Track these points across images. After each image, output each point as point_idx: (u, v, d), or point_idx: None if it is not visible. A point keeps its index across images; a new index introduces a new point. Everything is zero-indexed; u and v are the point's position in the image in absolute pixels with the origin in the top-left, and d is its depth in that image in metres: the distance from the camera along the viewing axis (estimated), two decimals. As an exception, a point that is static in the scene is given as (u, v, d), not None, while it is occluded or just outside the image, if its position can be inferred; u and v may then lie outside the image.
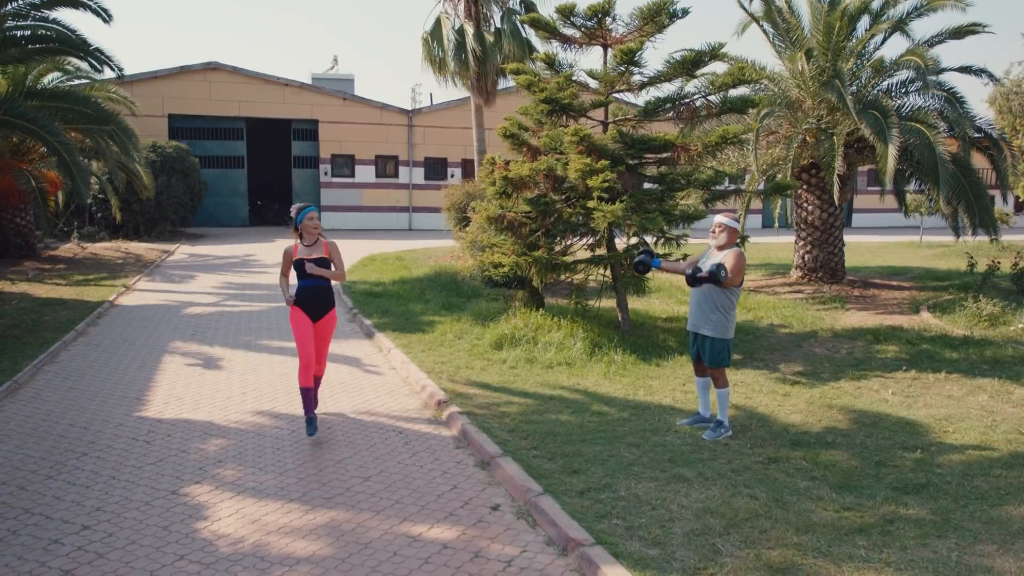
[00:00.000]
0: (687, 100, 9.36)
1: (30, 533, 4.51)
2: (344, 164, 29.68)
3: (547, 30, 9.93)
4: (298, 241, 6.42)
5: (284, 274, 6.54)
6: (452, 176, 30.42)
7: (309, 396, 6.21)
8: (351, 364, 8.81)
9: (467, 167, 29.69)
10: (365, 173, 29.90)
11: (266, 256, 19.87)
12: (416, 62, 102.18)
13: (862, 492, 5.08)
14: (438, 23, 19.60)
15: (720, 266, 6.06)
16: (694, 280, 6.16)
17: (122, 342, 9.78)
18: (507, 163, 9.91)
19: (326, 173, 29.47)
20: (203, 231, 26.45)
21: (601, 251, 10.16)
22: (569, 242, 10.42)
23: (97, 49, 13.50)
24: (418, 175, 30.58)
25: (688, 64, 9.31)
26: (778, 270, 17.17)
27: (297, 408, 7.06)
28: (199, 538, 4.44)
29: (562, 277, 10.23)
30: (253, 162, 30.11)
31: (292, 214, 6.38)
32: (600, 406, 7.05)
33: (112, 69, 13.89)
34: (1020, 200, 33.44)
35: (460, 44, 19.14)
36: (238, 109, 27.95)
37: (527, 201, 9.45)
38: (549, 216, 9.79)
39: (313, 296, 6.33)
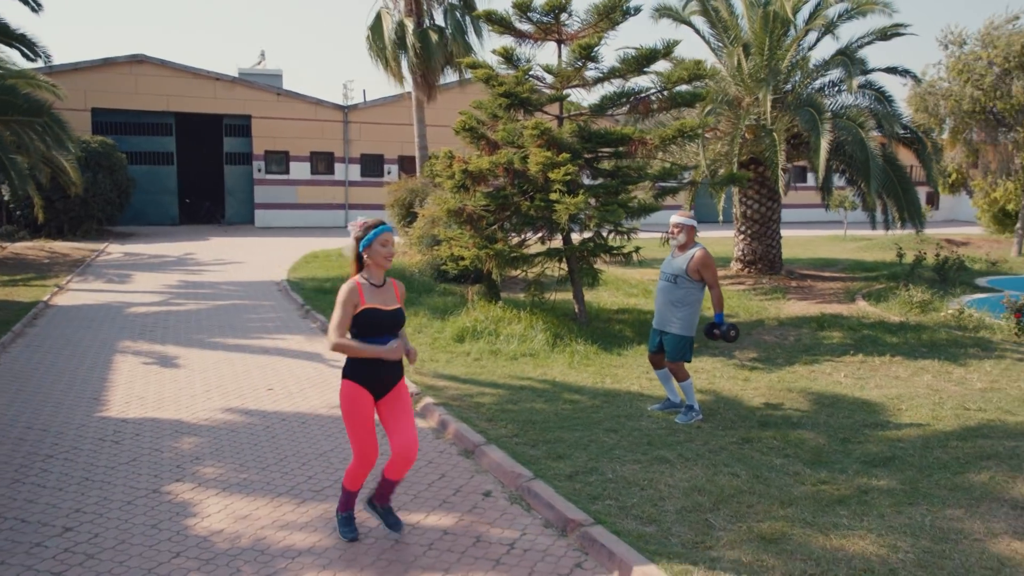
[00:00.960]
0: (643, 95, 9.56)
1: (7, 537, 4.33)
2: (278, 161, 29.10)
3: (502, 25, 10.00)
4: (362, 277, 4.09)
5: (341, 328, 3.98)
6: (389, 173, 30.19)
7: (352, 499, 4.33)
8: (315, 360, 8.70)
9: (405, 164, 29.48)
10: (300, 170, 29.39)
11: (204, 254, 19.36)
12: (347, 57, 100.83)
13: (834, 467, 5.32)
14: (379, 18, 19.45)
15: (731, 327, 6.42)
16: (711, 335, 6.49)
17: (66, 343, 9.41)
18: (453, 156, 9.92)
19: (260, 170, 28.84)
20: (132, 230, 25.54)
21: (553, 244, 10.32)
22: (525, 236, 10.53)
23: (23, 35, 12.93)
24: (354, 172, 30.23)
25: (642, 60, 9.52)
26: (718, 263, 17.63)
27: (268, 404, 6.96)
28: (192, 535, 4.35)
29: (519, 270, 10.30)
30: (183, 159, 29.25)
31: (356, 232, 4.07)
32: (571, 395, 7.16)
33: (41, 58, 13.31)
34: (931, 194, 35.20)
35: (401, 39, 19.02)
36: (166, 104, 27.08)
37: (487, 195, 9.51)
38: (507, 209, 9.86)
39: (386, 365, 4.10)
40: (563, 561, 4.08)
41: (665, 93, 9.51)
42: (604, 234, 10.19)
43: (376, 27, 19.48)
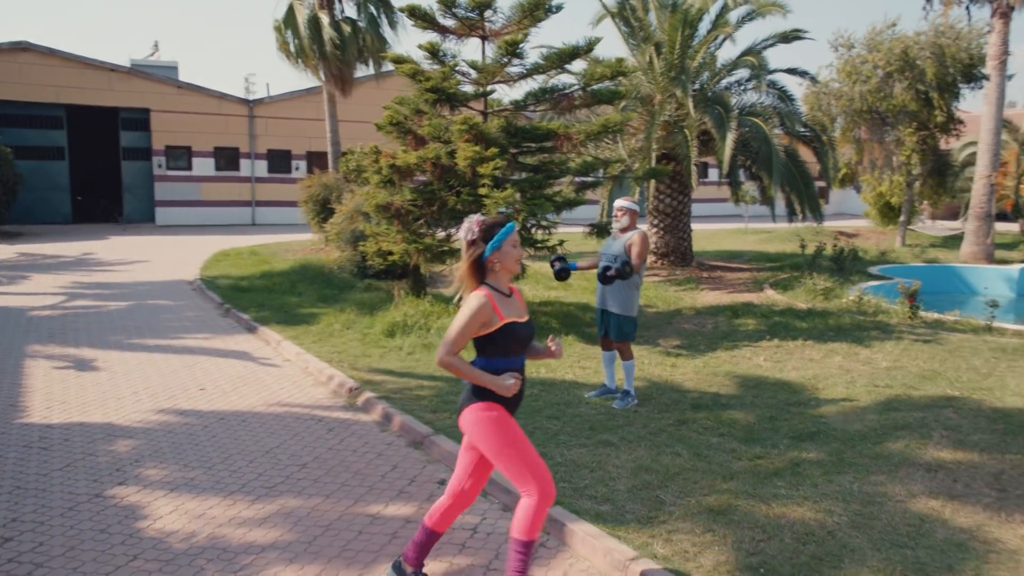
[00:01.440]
0: (567, 91, 9.77)
1: (-59, 551, 4.12)
2: (180, 156, 28.04)
3: (425, 20, 10.01)
4: (490, 286, 3.46)
5: (459, 345, 3.38)
6: (297, 169, 29.57)
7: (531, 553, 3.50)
8: (242, 359, 8.52)
9: (314, 160, 28.92)
10: (204, 166, 28.41)
11: (106, 253, 18.51)
12: (248, 50, 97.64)
13: (766, 443, 5.65)
14: (291, 10, 19.03)
15: (625, 262, 6.46)
16: (605, 279, 6.49)
17: (-32, 348, 8.87)
18: (380, 151, 9.88)
19: (160, 166, 27.72)
20: (20, 229, 24.10)
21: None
22: (451, 230, 10.59)
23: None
24: (261, 168, 29.45)
25: (564, 57, 9.73)
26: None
27: (203, 403, 6.80)
28: (146, 537, 4.25)
29: (446, 264, 10.34)
30: (76, 154, 27.76)
31: (475, 234, 3.43)
32: (509, 385, 7.28)
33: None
34: (822, 188, 37.11)
35: (315, 33, 18.67)
36: (56, 95, 25.66)
37: (414, 189, 9.52)
38: (433, 204, 9.89)
39: (525, 381, 3.62)
40: (526, 542, 4.21)
41: (588, 90, 9.74)
42: (529, 228, 10.36)
43: (288, 20, 19.05)
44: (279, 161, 29.69)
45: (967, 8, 18.66)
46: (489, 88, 10.16)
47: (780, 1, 14.05)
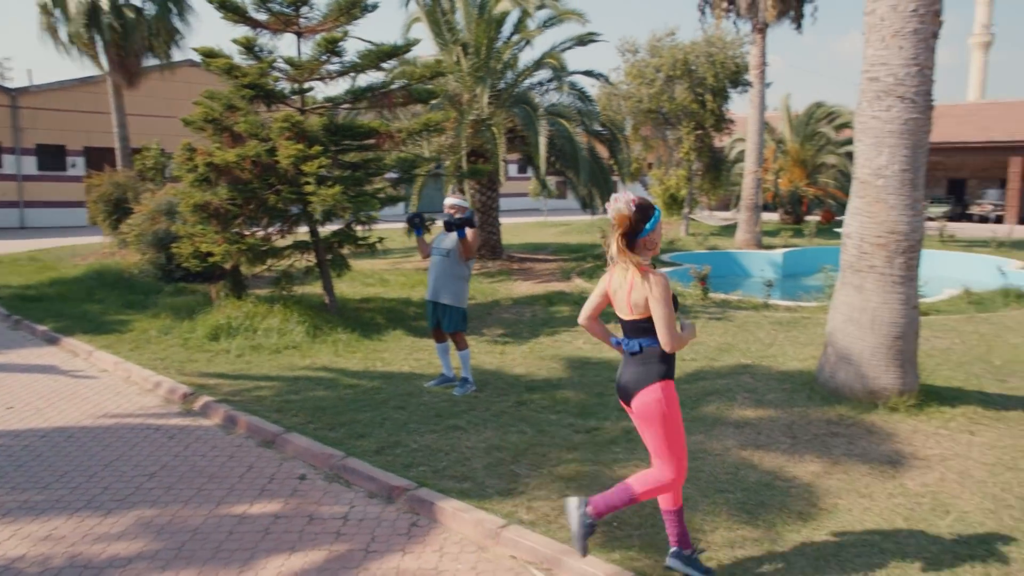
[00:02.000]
0: (387, 90, 9.91)
1: None
2: (-73, 151, 24.68)
3: (237, 13, 9.72)
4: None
5: (674, 322, 3.51)
6: (74, 166, 27.05)
7: (682, 518, 3.81)
8: (50, 372, 7.89)
9: (94, 156, 26.57)
10: (-43, 162, 25.20)
11: None
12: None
13: (598, 416, 6.22)
14: (65, -8, 17.42)
15: (472, 211, 6.84)
16: (451, 225, 6.74)
17: None
18: (195, 148, 9.51)
19: (-99, 163, 24.25)
20: None
21: (295, 236, 10.35)
22: (270, 229, 10.38)
23: None
24: (29, 165, 26.61)
25: (383, 56, 9.87)
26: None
27: (15, 423, 6.28)
28: (-10, 562, 3.98)
29: (267, 264, 10.13)
30: None
31: (630, 210, 3.45)
32: (349, 380, 7.38)
33: None
34: (614, 183, 39.67)
35: (93, 17, 17.24)
36: None
37: (234, 188, 9.24)
38: (251, 203, 9.66)
39: None
40: (398, 523, 4.43)
41: (408, 89, 9.94)
42: (351, 225, 10.40)
43: (58, 1, 17.42)
44: (51, 157, 26.97)
45: (734, 22, 20.88)
46: (307, 85, 10.07)
47: (578, 9, 15.01)
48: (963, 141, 31.84)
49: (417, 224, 7.21)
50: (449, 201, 7.02)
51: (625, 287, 3.50)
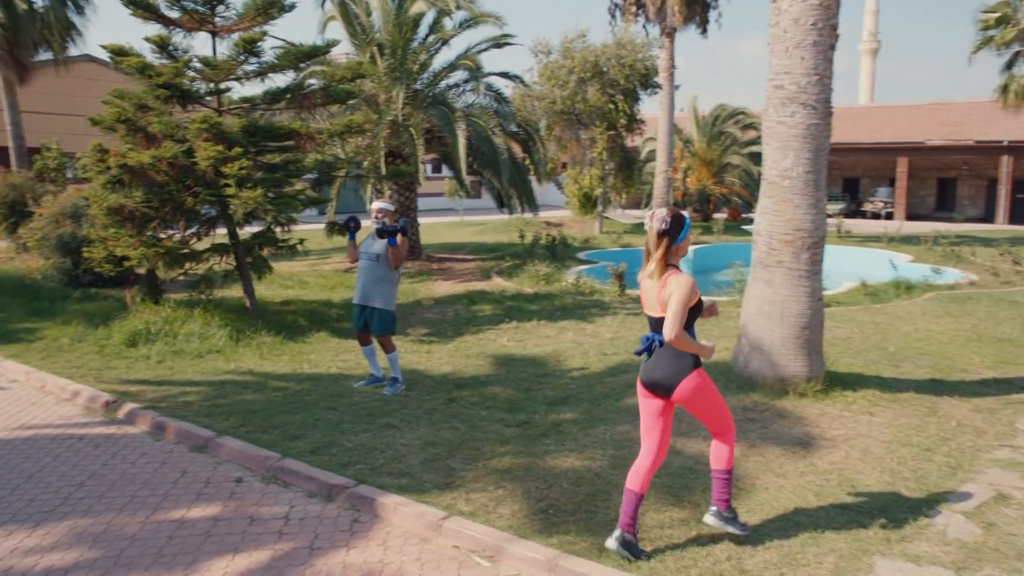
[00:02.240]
0: (308, 90, 9.85)
1: None
2: None
3: (148, 10, 9.48)
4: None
5: (683, 320, 3.80)
6: (-40, 166, 25.46)
7: (730, 480, 4.19)
8: (-45, 384, 7.54)
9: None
10: None
11: None
12: None
13: (528, 410, 6.43)
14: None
15: (406, 220, 6.95)
16: (383, 233, 6.83)
17: None
18: (107, 149, 9.23)
19: None
20: None
21: (212, 239, 10.19)
22: (187, 232, 10.17)
23: None
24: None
25: (302, 56, 9.81)
26: (362, 251, 18.36)
27: (-77, 437, 6.01)
28: (-85, 579, 3.86)
29: (184, 268, 9.92)
30: None
31: (665, 225, 3.85)
32: (277, 383, 7.35)
33: None
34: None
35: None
36: None
37: (150, 190, 9.02)
38: (167, 205, 9.46)
39: None
40: (340, 520, 4.51)
41: (328, 90, 9.91)
42: (271, 227, 10.29)
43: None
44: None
45: (643, 26, 21.53)
46: (224, 85, 9.91)
47: (494, 11, 15.21)
48: (856, 142, 33.70)
49: (352, 228, 7.24)
50: (377, 205, 7.09)
51: (656, 286, 3.89)
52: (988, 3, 25.76)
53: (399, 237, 6.96)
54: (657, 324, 3.94)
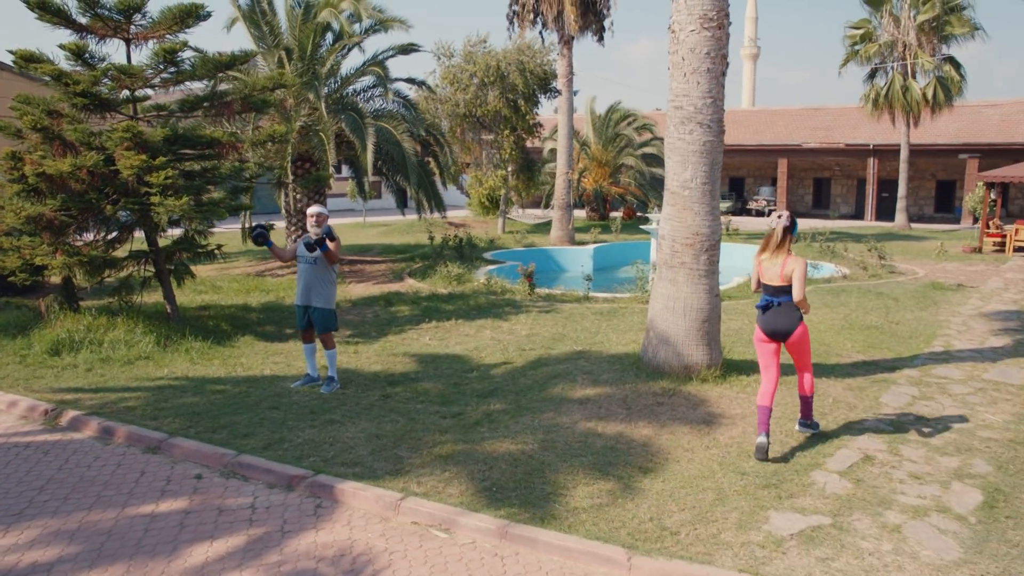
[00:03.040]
0: (227, 99, 10.02)
1: None
2: None
3: (59, 16, 9.44)
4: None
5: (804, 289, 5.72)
6: None
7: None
8: None
9: None
10: None
11: None
12: None
13: (459, 403, 6.98)
14: None
15: (329, 228, 7.35)
16: (311, 246, 7.21)
17: None
18: (21, 157, 9.16)
19: None
20: None
21: (130, 245, 10.23)
22: (107, 237, 10.16)
23: None
24: None
25: (222, 65, 9.99)
26: (266, 254, 18.29)
27: None
28: (-98, 580, 4.06)
29: (102, 275, 9.92)
30: None
31: (788, 222, 5.71)
32: (214, 386, 7.61)
33: None
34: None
35: None
36: None
37: (69, 199, 9.01)
38: (85, 213, 9.46)
39: None
40: (304, 507, 4.94)
41: (247, 99, 10.11)
42: (189, 233, 10.40)
43: None
44: None
45: (540, 33, 22.33)
46: (139, 93, 9.96)
47: (401, 17, 15.61)
48: (741, 144, 35.82)
49: (266, 237, 7.46)
50: (313, 210, 7.45)
51: (779, 264, 5.66)
52: (856, 17, 28.05)
53: (329, 242, 7.36)
54: (776, 291, 5.67)
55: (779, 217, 5.73)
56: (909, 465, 5.51)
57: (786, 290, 5.64)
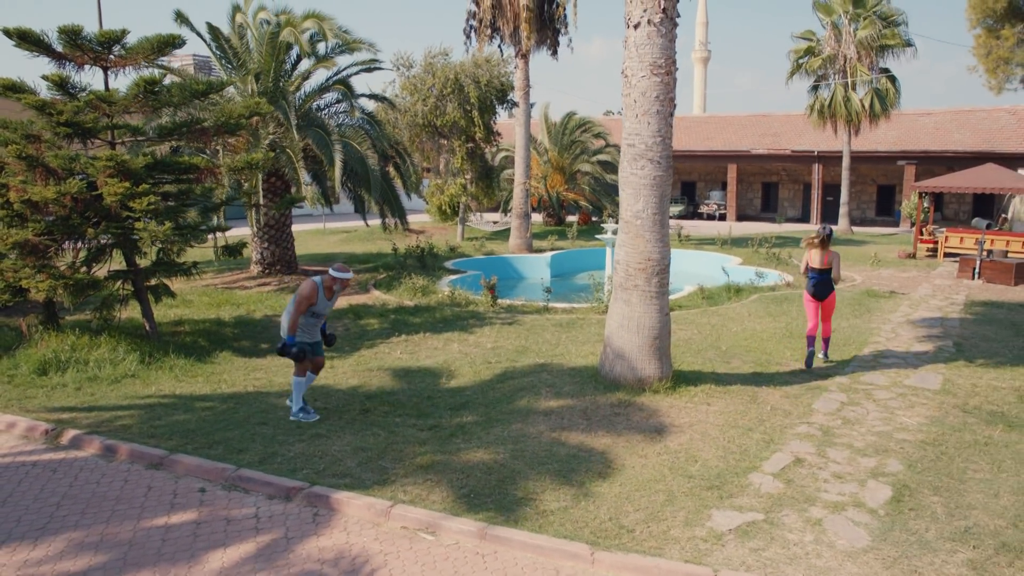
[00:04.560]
0: (203, 126, 10.47)
1: None
2: None
3: (38, 45, 9.82)
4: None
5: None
6: None
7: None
8: None
9: None
10: None
11: None
12: None
13: (434, 416, 7.61)
14: None
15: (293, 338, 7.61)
16: (283, 351, 7.41)
17: None
18: (7, 184, 9.52)
19: None
20: None
21: (109, 265, 10.64)
22: (89, 259, 10.53)
23: None
24: None
25: (199, 93, 10.44)
26: (233, 266, 18.62)
27: None
28: (-50, 590, 4.55)
29: (84, 296, 10.29)
30: None
31: (827, 232, 9.45)
32: (202, 403, 8.11)
33: None
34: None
35: None
36: None
37: (52, 223, 9.40)
38: (67, 237, 9.86)
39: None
40: (303, 515, 5.54)
41: (224, 125, 10.58)
42: (170, 254, 10.83)
43: None
44: None
45: (499, 47, 23.01)
46: (117, 120, 10.36)
47: (366, 39, 16.14)
48: (692, 150, 36.97)
49: (305, 353, 7.55)
50: (346, 276, 7.77)
51: (822, 256, 9.34)
52: (803, 27, 29.36)
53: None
54: (820, 272, 9.39)
55: (823, 228, 9.46)
56: (833, 466, 6.33)
57: (827, 272, 9.35)
